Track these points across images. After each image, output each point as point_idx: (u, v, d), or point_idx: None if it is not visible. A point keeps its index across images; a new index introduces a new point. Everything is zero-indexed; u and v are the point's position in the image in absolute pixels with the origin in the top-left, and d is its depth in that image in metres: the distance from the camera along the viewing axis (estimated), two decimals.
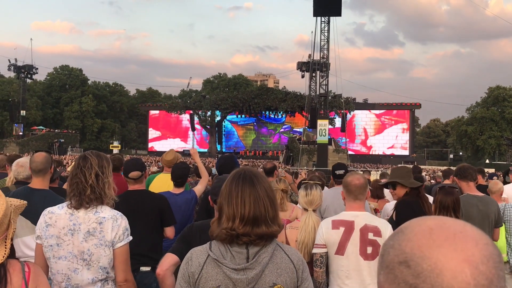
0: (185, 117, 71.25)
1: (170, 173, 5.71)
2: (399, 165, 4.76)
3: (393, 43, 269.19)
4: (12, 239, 1.97)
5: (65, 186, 5.32)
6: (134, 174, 4.27)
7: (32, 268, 2.03)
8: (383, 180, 6.72)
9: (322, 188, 4.86)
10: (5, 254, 1.91)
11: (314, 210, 3.90)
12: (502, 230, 5.35)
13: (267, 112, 66.72)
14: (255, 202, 1.97)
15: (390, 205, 5.06)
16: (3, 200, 1.97)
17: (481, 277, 0.70)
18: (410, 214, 3.66)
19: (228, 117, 69.66)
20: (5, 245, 1.93)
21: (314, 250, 3.42)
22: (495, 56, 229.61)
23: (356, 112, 66.94)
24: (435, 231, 0.76)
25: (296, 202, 5.84)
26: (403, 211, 4.18)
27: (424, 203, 4.32)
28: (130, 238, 2.89)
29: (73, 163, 6.26)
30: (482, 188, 5.67)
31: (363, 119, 68.79)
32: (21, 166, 4.38)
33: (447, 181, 7.75)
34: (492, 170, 25.40)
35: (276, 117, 68.15)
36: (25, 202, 2.14)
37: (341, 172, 5.43)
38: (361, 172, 10.69)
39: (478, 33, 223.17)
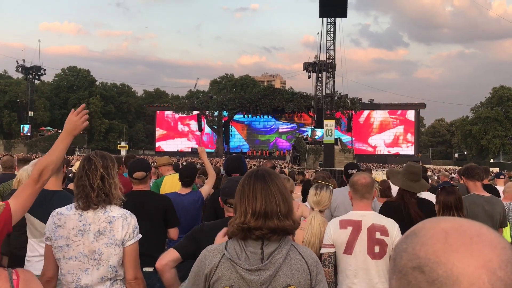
0: (191, 117, 71.42)
1: (173, 173, 5.82)
2: (410, 164, 4.59)
3: (397, 44, 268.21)
4: None
5: (70, 186, 5.36)
6: (138, 174, 4.28)
7: (22, 275, 1.82)
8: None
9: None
10: None
11: (321, 211, 3.91)
12: (506, 230, 5.34)
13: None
14: (266, 197, 1.99)
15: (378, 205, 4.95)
16: None
17: (499, 283, 0.67)
18: (395, 217, 3.63)
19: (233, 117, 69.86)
20: None
21: (322, 250, 3.43)
22: (499, 57, 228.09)
23: (366, 111, 67.03)
24: (450, 235, 0.72)
25: None
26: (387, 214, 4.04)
27: (407, 207, 4.13)
28: (140, 236, 2.91)
29: (76, 164, 6.40)
30: (486, 188, 5.66)
31: (369, 118, 68.74)
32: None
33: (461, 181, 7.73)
34: (496, 169, 25.28)
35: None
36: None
37: (354, 171, 5.42)
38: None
39: (482, 33, 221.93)
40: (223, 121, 69.07)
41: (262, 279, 1.90)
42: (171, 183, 5.85)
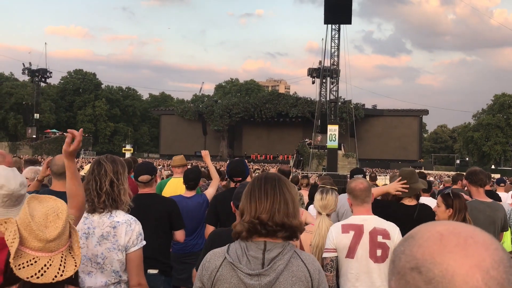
0: (197, 121, 71.50)
1: (181, 177, 5.85)
2: (402, 168, 4.61)
3: (400, 51, 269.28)
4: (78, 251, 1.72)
5: None
6: (144, 177, 4.30)
7: None
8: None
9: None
10: (76, 265, 1.68)
11: (328, 215, 3.95)
12: (507, 233, 5.38)
13: None
14: (274, 198, 1.99)
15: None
16: (64, 205, 1.79)
17: (492, 282, 0.70)
18: (382, 216, 3.67)
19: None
20: (73, 256, 1.70)
21: (324, 255, 3.45)
22: (500, 64, 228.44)
23: (367, 118, 66.96)
24: (445, 237, 0.76)
25: None
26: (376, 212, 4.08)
27: (397, 207, 4.17)
28: (144, 242, 2.89)
29: (85, 167, 6.44)
30: (489, 194, 5.61)
31: (373, 124, 68.64)
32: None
33: (455, 186, 7.73)
34: (497, 176, 25.26)
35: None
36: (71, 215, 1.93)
37: (360, 176, 5.46)
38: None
39: (483, 41, 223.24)
40: (227, 125, 69.12)
41: (262, 284, 1.89)
42: (174, 186, 5.84)
